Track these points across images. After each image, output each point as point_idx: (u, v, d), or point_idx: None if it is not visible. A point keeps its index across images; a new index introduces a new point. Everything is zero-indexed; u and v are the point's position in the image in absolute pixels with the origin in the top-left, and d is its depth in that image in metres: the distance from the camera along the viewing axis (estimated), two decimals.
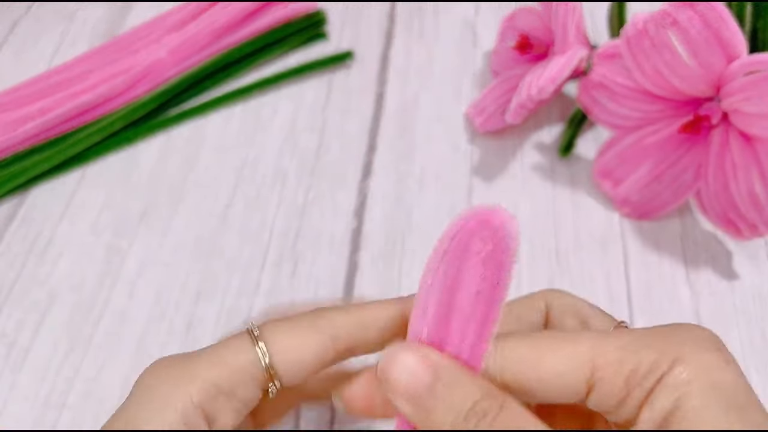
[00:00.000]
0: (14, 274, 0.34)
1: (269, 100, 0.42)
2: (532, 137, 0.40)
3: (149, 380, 0.18)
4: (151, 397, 0.18)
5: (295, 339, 0.19)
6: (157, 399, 0.18)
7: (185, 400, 0.18)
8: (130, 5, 0.47)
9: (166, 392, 0.18)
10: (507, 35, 0.41)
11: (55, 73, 0.41)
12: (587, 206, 0.37)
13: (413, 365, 0.17)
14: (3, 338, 0.32)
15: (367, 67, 0.44)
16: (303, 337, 0.19)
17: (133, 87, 0.41)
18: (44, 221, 0.36)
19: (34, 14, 0.47)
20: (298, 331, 0.19)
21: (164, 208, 0.37)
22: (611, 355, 0.17)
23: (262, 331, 0.19)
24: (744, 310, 0.33)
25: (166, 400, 0.18)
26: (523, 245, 0.35)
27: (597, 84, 0.34)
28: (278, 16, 0.43)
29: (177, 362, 0.19)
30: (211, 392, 0.18)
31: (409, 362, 0.17)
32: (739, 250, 0.35)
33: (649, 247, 0.35)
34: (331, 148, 0.39)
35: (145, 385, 0.18)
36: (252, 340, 0.19)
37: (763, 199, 0.31)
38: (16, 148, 0.38)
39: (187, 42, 0.42)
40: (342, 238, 0.35)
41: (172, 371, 0.18)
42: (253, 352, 0.19)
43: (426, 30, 0.46)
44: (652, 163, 0.34)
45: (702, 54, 0.30)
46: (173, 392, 0.18)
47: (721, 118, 0.32)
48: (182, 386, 0.18)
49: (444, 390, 0.17)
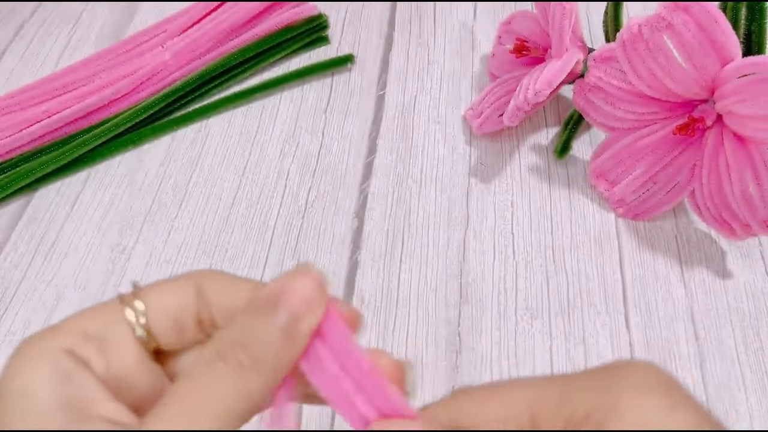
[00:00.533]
0: (20, 273, 0.35)
1: (271, 102, 0.43)
2: (529, 139, 0.40)
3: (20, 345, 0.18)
4: (20, 354, 0.18)
5: (160, 285, 0.19)
6: (25, 354, 0.17)
7: (53, 347, 0.17)
8: (136, 7, 0.48)
9: (33, 346, 0.18)
10: (504, 39, 0.41)
11: (60, 75, 0.42)
12: (583, 207, 0.37)
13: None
14: (10, 336, 0.32)
15: (367, 70, 0.44)
16: (169, 284, 0.19)
17: (138, 89, 0.41)
18: (50, 221, 0.37)
19: (40, 16, 0.48)
20: (169, 283, 0.19)
21: (168, 207, 0.37)
22: (550, 400, 0.17)
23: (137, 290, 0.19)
24: (738, 309, 0.33)
25: (34, 353, 0.17)
26: (520, 245, 0.35)
27: (593, 86, 0.35)
28: (281, 20, 0.44)
29: (47, 328, 0.19)
30: (78, 337, 0.18)
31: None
32: (733, 249, 0.35)
33: (644, 246, 0.35)
34: (332, 150, 0.40)
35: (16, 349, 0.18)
36: (120, 297, 0.19)
37: (757, 200, 0.31)
38: (23, 149, 0.39)
39: (190, 45, 0.43)
40: (343, 237, 0.36)
41: (40, 332, 0.18)
42: (120, 302, 0.19)
43: (425, 34, 0.46)
44: (647, 165, 0.35)
45: (696, 57, 0.30)
46: (40, 344, 0.18)
47: (716, 119, 0.32)
48: (48, 338, 0.18)
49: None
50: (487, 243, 0.35)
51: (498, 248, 0.35)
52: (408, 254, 0.35)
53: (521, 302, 0.33)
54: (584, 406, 0.17)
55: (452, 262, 0.35)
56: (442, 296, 0.33)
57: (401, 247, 0.35)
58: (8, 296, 0.34)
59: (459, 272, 0.34)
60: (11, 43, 0.46)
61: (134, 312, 0.19)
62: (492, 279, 0.34)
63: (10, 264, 0.35)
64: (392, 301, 0.33)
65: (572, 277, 0.34)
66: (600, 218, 0.37)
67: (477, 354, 0.31)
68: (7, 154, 0.38)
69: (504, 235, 0.36)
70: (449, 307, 0.33)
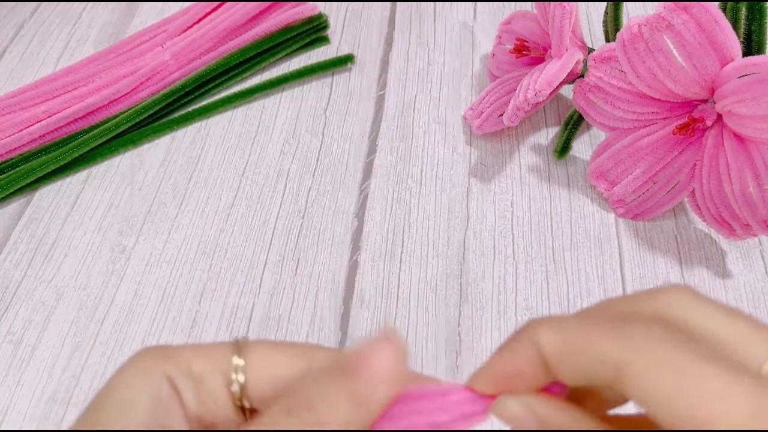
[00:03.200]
0: (21, 272, 0.35)
1: (271, 103, 0.43)
2: (529, 139, 0.40)
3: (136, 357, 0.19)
4: (132, 366, 0.19)
5: (274, 354, 0.20)
6: (136, 368, 0.19)
7: (160, 371, 0.19)
8: (136, 7, 0.48)
9: (144, 363, 0.19)
10: (504, 39, 0.41)
11: (61, 75, 0.42)
12: (583, 207, 0.37)
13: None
14: (10, 336, 0.32)
15: (367, 70, 0.44)
16: (281, 354, 0.20)
17: (138, 89, 0.41)
18: (50, 221, 0.37)
19: (40, 16, 0.48)
20: (279, 348, 0.20)
21: (168, 207, 0.37)
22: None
23: (248, 342, 0.20)
24: (737, 308, 0.33)
25: (142, 372, 0.19)
26: (520, 245, 0.35)
27: (593, 86, 0.35)
28: (281, 20, 0.44)
29: (161, 346, 0.20)
30: (183, 372, 0.19)
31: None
32: (733, 249, 0.35)
33: (644, 246, 0.35)
34: (332, 150, 0.40)
35: (132, 359, 0.19)
36: (234, 346, 0.20)
37: (757, 200, 0.31)
38: (23, 148, 0.39)
39: (190, 45, 0.43)
40: (343, 237, 0.36)
41: (156, 349, 0.19)
42: (230, 352, 0.19)
43: (425, 34, 0.46)
44: (647, 165, 0.35)
45: (696, 57, 0.30)
46: (150, 363, 0.19)
47: (715, 119, 0.32)
48: (160, 360, 0.19)
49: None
50: (487, 243, 0.35)
51: (498, 248, 0.35)
52: (408, 254, 0.35)
53: (521, 302, 0.33)
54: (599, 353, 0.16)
55: (452, 262, 0.35)
56: (442, 296, 0.34)
57: (401, 247, 0.35)
58: (8, 296, 0.34)
59: (459, 272, 0.34)
60: (11, 43, 0.46)
61: (237, 368, 0.19)
62: (492, 279, 0.34)
63: (10, 264, 0.35)
64: (392, 301, 0.33)
65: (572, 277, 0.34)
66: (600, 218, 0.37)
67: (477, 354, 0.31)
68: (7, 154, 0.38)
69: (504, 235, 0.36)
70: (449, 307, 0.33)
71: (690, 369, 0.14)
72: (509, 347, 0.18)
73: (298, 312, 0.33)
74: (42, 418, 0.30)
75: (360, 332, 0.32)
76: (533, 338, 0.17)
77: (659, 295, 0.18)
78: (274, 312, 0.33)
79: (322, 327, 0.32)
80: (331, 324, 0.33)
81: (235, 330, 0.32)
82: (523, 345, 0.17)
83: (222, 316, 0.33)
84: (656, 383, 0.15)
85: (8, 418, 0.30)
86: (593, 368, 0.16)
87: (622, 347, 0.15)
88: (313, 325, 0.33)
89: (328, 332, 0.32)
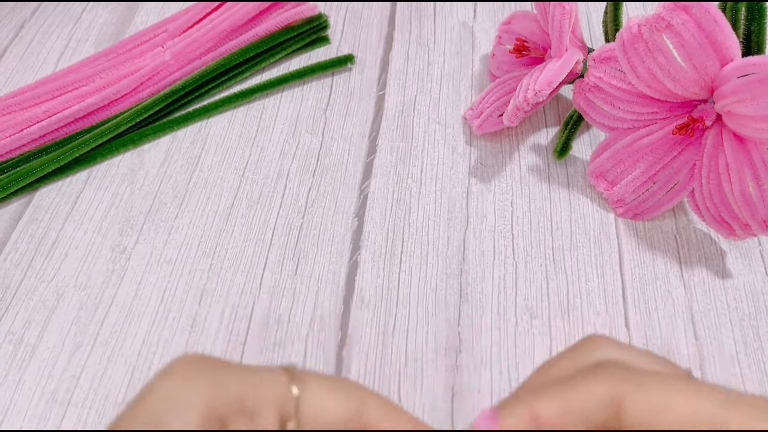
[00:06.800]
0: (21, 272, 0.35)
1: (272, 103, 0.43)
2: (529, 139, 0.40)
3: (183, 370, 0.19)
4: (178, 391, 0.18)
5: (328, 391, 0.20)
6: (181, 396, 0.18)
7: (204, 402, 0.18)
8: (136, 7, 0.48)
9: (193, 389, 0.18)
10: (504, 39, 0.41)
11: (61, 75, 0.42)
12: (583, 207, 0.37)
13: None
14: (10, 336, 0.32)
15: (367, 70, 0.44)
16: (335, 391, 0.20)
17: (138, 89, 0.41)
18: (51, 221, 0.37)
19: (41, 16, 0.48)
20: (332, 384, 0.20)
21: (168, 207, 0.37)
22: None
23: (301, 374, 0.20)
24: (737, 308, 0.33)
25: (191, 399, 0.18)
26: (520, 245, 0.35)
27: (592, 86, 0.35)
28: (281, 20, 0.44)
29: (214, 364, 0.19)
30: (235, 408, 0.19)
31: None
32: (732, 249, 0.35)
33: (643, 246, 0.35)
34: (332, 150, 0.40)
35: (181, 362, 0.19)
36: (288, 375, 0.20)
37: (756, 200, 0.31)
38: (23, 149, 0.39)
39: (191, 45, 0.43)
40: (343, 238, 0.36)
41: (210, 367, 0.19)
42: (284, 383, 0.19)
43: (425, 34, 0.46)
44: (647, 165, 0.35)
45: (696, 57, 0.30)
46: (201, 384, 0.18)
47: (715, 119, 0.32)
48: (209, 386, 0.18)
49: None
50: (487, 243, 0.36)
51: (498, 248, 0.35)
52: (408, 254, 0.35)
53: (521, 302, 0.33)
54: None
55: (452, 262, 0.35)
56: (442, 296, 0.34)
57: (401, 247, 0.35)
58: (8, 296, 0.34)
59: (459, 272, 0.34)
60: (11, 43, 0.46)
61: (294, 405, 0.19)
62: (492, 279, 0.34)
63: (10, 264, 0.35)
64: (392, 301, 0.33)
65: (572, 277, 0.34)
66: (599, 218, 0.37)
67: (477, 354, 0.31)
68: (8, 154, 0.38)
69: (504, 235, 0.36)
70: (449, 307, 0.33)
71: (672, 386, 0.19)
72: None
73: (298, 312, 0.33)
74: (42, 418, 0.30)
75: (360, 332, 0.32)
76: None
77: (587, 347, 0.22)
78: (274, 312, 0.33)
79: (322, 327, 0.33)
80: (331, 324, 0.33)
81: (235, 330, 0.32)
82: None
83: (222, 316, 0.33)
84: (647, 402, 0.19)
85: (8, 418, 0.30)
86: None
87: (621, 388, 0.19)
88: (313, 325, 0.33)
89: (328, 332, 0.32)
